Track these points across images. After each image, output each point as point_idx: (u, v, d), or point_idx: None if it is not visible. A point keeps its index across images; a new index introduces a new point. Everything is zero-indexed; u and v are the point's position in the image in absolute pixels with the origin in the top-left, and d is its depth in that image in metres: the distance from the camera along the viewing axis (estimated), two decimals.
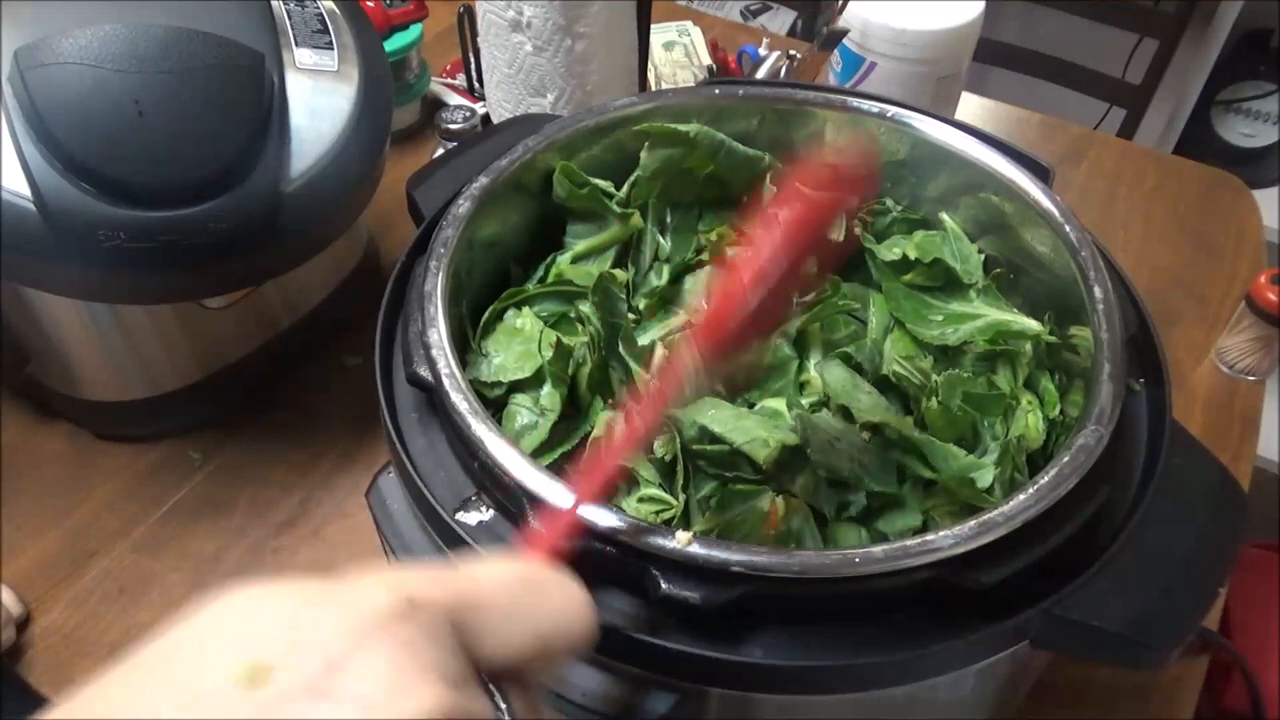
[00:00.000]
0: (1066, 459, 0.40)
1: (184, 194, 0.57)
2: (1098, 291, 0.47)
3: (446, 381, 0.43)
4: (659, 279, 0.57)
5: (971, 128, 0.56)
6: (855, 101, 0.58)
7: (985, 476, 0.46)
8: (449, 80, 1.08)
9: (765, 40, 1.10)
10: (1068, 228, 0.50)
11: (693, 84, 0.99)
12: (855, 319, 0.56)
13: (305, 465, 0.73)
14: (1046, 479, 0.40)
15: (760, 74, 0.94)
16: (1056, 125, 1.08)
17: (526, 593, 0.29)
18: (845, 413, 0.50)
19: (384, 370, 0.48)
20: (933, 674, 0.40)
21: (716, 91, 0.59)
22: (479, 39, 0.83)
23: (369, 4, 0.93)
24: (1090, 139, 1.06)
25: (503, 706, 0.27)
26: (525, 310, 0.54)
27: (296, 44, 0.64)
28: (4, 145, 0.55)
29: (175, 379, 0.72)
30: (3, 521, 0.69)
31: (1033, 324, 0.52)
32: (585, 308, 0.54)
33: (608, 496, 0.46)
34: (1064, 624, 0.39)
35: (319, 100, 0.63)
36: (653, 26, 0.88)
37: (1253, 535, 1.17)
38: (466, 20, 0.98)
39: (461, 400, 0.43)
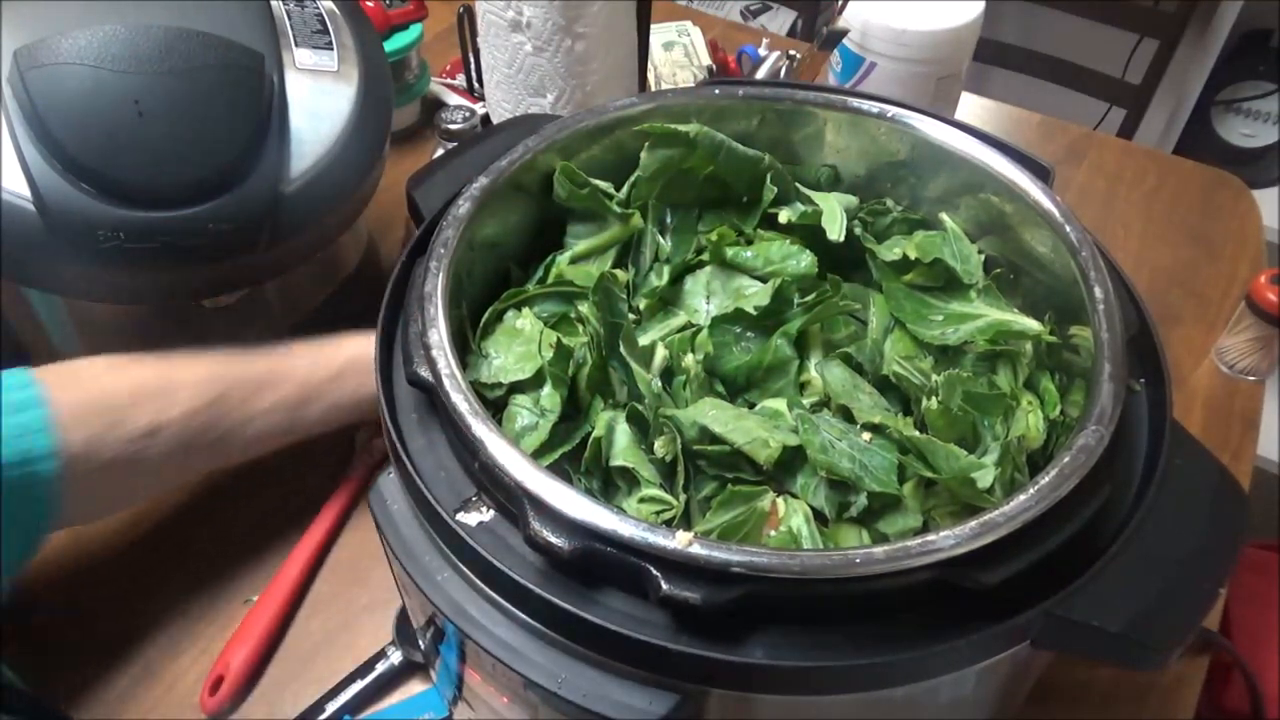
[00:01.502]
0: (1067, 459, 0.40)
1: (184, 194, 0.57)
2: (1098, 292, 0.47)
3: (447, 382, 0.43)
4: (659, 279, 0.57)
5: (971, 128, 0.56)
6: (855, 101, 0.58)
7: (986, 477, 0.46)
8: (449, 80, 1.08)
9: (765, 40, 1.10)
10: (1068, 228, 0.50)
11: (693, 84, 0.99)
12: (855, 319, 0.56)
13: (305, 465, 0.73)
14: (1047, 479, 0.40)
15: (760, 74, 0.94)
16: (1056, 125, 1.08)
17: None
18: (845, 413, 0.50)
19: (384, 370, 0.48)
20: (934, 674, 0.40)
21: (716, 91, 0.59)
22: (479, 39, 0.83)
23: (369, 4, 0.93)
24: (1090, 139, 1.06)
25: None
26: (525, 311, 0.54)
27: (296, 44, 0.64)
28: (4, 145, 0.55)
29: None
30: None
31: (1033, 324, 0.52)
32: (585, 308, 0.53)
33: None
34: (1065, 624, 0.39)
35: (319, 100, 0.63)
36: (653, 26, 0.88)
37: (1253, 535, 1.17)
38: (466, 20, 0.98)
39: (462, 401, 0.43)
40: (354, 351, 0.65)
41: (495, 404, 0.51)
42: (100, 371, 0.58)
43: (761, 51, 1.03)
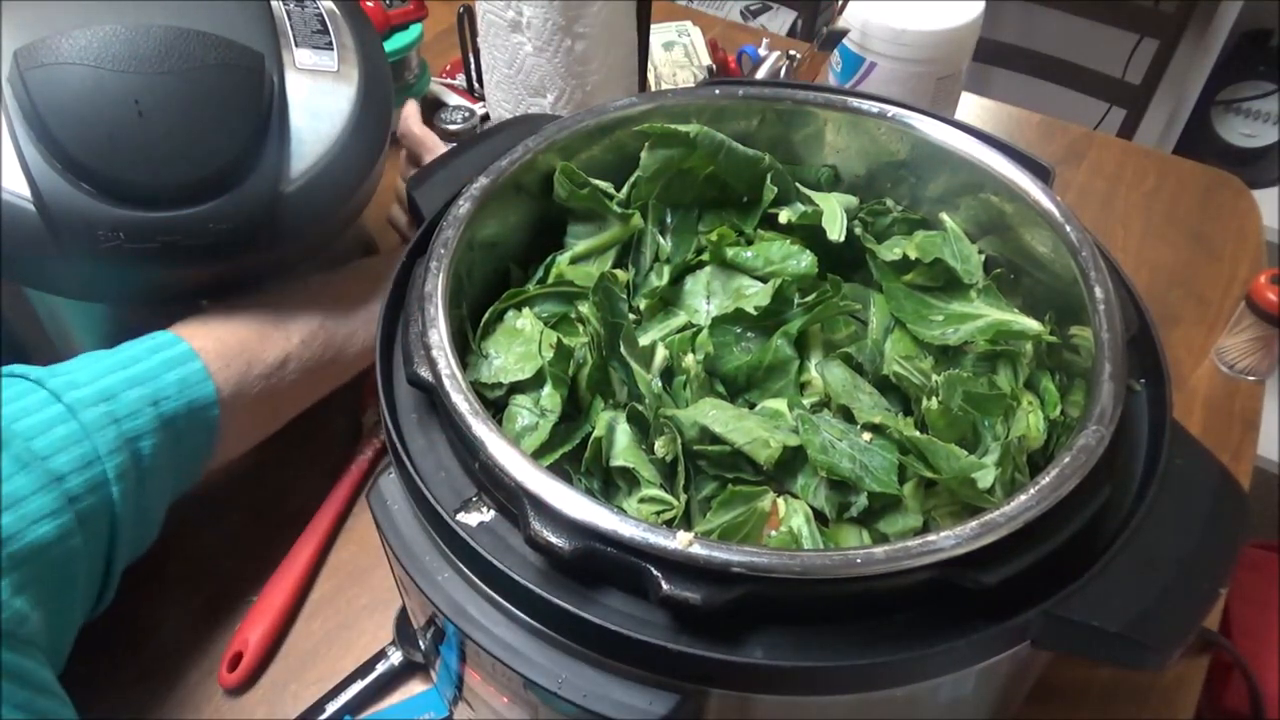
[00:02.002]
0: (1067, 459, 0.40)
1: (184, 194, 0.57)
2: (1098, 292, 0.47)
3: (447, 382, 0.43)
4: (659, 279, 0.57)
5: (971, 128, 0.56)
6: (855, 101, 0.58)
7: (986, 477, 0.46)
8: (449, 80, 1.08)
9: (765, 40, 1.10)
10: (1068, 228, 0.50)
11: (693, 84, 0.99)
12: (856, 319, 0.56)
13: (305, 465, 0.73)
14: (1048, 479, 0.40)
15: (760, 74, 0.94)
16: (1056, 125, 1.08)
17: None
18: (846, 413, 0.50)
19: (384, 370, 0.48)
20: (934, 674, 0.40)
21: (716, 91, 0.59)
22: (479, 39, 0.83)
23: (369, 4, 0.93)
24: (1090, 139, 1.06)
25: None
26: (525, 311, 0.54)
27: (296, 44, 0.64)
28: (4, 145, 0.55)
29: None
30: None
31: (1033, 324, 0.52)
32: (585, 308, 0.53)
33: None
34: (1065, 624, 0.39)
35: (319, 100, 0.63)
36: (653, 26, 0.88)
37: (1253, 535, 1.17)
38: (466, 20, 0.98)
39: (462, 401, 0.43)
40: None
41: (495, 404, 0.51)
42: (221, 320, 0.62)
43: (761, 51, 1.03)
